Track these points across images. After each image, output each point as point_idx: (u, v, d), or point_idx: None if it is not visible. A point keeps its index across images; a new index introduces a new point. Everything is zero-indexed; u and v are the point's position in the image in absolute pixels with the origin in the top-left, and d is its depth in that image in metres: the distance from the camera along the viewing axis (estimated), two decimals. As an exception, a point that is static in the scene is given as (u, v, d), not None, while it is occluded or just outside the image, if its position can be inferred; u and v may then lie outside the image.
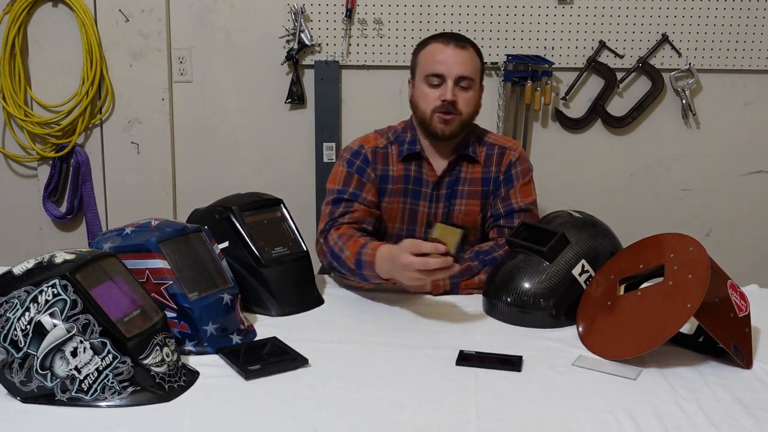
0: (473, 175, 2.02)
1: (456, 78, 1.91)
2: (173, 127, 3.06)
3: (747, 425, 1.27)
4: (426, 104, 1.94)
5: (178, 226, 1.61)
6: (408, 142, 2.01)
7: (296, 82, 2.96)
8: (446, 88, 1.91)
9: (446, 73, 1.91)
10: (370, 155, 2.01)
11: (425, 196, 2.02)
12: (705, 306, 1.45)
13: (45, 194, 3.10)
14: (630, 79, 2.95)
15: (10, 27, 2.93)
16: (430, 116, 1.94)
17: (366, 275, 1.78)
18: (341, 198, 1.96)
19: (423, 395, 1.36)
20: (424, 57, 1.97)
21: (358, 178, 1.99)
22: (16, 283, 1.31)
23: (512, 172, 2.03)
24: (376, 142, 2.04)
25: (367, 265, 1.76)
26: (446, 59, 1.92)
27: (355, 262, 1.78)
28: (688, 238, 1.62)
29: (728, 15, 2.89)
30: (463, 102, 1.93)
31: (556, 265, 1.71)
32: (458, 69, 1.91)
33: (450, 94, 1.90)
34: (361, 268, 1.77)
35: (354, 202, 1.95)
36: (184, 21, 2.97)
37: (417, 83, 1.98)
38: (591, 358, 1.52)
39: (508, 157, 2.04)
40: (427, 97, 1.94)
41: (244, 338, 1.59)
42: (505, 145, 2.06)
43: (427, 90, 1.94)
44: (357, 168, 2.00)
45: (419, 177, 2.01)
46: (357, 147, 2.03)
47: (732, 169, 3.05)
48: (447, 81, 1.91)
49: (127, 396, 1.30)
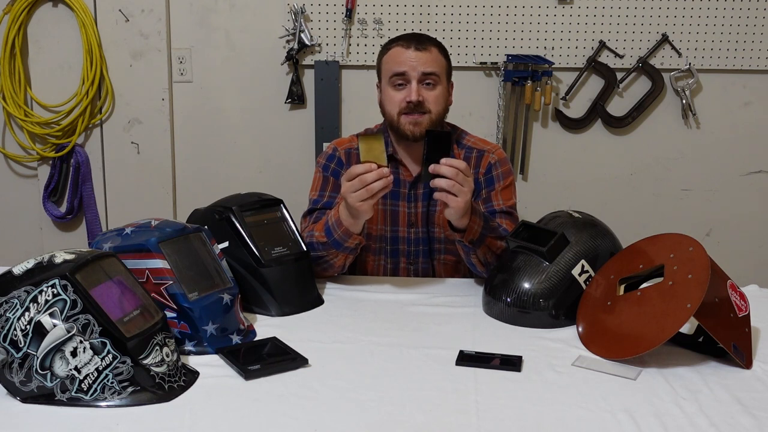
0: None
1: (420, 76, 1.91)
2: (173, 127, 3.07)
3: (747, 425, 1.27)
4: (392, 106, 1.94)
5: (178, 226, 1.61)
6: None
7: (296, 82, 2.96)
8: (410, 89, 1.91)
9: (409, 72, 1.91)
10: (343, 156, 2.05)
11: (404, 197, 2.03)
12: (705, 306, 1.45)
13: (45, 194, 3.10)
14: (630, 79, 2.96)
15: (10, 27, 2.93)
16: (397, 118, 1.94)
17: (338, 237, 1.83)
18: (314, 209, 2.01)
19: (423, 395, 1.36)
20: (387, 60, 1.97)
21: (334, 181, 2.02)
22: (15, 283, 1.31)
23: (493, 174, 2.04)
24: (351, 143, 2.07)
25: (335, 225, 1.82)
26: (408, 59, 1.92)
27: (325, 231, 1.85)
28: (688, 238, 1.62)
29: (728, 15, 2.89)
30: (431, 100, 1.93)
31: (555, 265, 1.71)
32: (422, 67, 1.91)
33: (415, 94, 1.90)
34: (331, 234, 1.83)
35: (326, 210, 1.97)
36: (184, 21, 2.97)
37: (383, 87, 1.99)
38: (591, 358, 1.52)
39: (487, 159, 2.04)
40: (393, 99, 1.94)
41: (244, 338, 1.59)
42: (484, 148, 2.06)
43: (392, 92, 1.94)
44: (332, 171, 2.03)
45: (396, 178, 2.01)
46: (331, 151, 2.07)
47: (732, 169, 3.05)
48: (411, 81, 1.91)
49: (127, 396, 1.30)
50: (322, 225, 1.87)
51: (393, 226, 2.05)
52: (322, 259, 1.89)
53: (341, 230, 1.82)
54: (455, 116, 2.67)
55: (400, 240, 2.05)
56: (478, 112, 2.99)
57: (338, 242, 1.84)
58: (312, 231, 1.90)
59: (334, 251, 1.86)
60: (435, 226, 2.03)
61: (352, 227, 1.81)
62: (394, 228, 2.05)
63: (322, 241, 1.86)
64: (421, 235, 2.04)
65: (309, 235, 1.89)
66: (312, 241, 1.87)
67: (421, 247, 2.04)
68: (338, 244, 1.84)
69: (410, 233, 2.04)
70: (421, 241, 2.04)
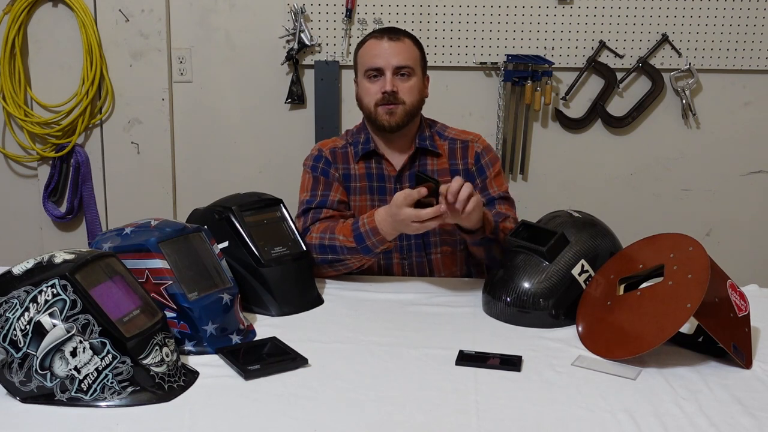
0: (440, 166, 2.05)
1: (393, 69, 1.95)
2: (173, 127, 3.07)
3: (747, 425, 1.27)
4: (369, 98, 1.99)
5: (177, 226, 1.61)
6: (362, 142, 2.05)
7: (296, 82, 2.96)
8: (385, 79, 1.95)
9: (383, 65, 1.95)
10: (329, 156, 2.06)
11: (390, 191, 2.04)
12: (705, 306, 1.45)
13: (45, 194, 3.10)
14: (630, 79, 2.96)
15: (10, 27, 2.93)
16: (374, 110, 1.98)
17: (371, 245, 1.83)
18: (309, 208, 2.00)
19: (423, 395, 1.36)
20: (362, 55, 2.02)
21: (324, 180, 2.03)
22: (15, 283, 1.31)
23: (482, 162, 2.06)
24: (334, 143, 2.10)
25: (369, 233, 1.82)
26: (381, 52, 1.96)
27: (355, 237, 1.84)
28: (688, 238, 1.62)
29: (728, 15, 2.89)
30: (404, 91, 1.96)
31: (555, 264, 1.71)
32: (395, 60, 1.95)
33: (389, 84, 1.94)
34: (363, 241, 1.83)
35: (322, 209, 1.99)
36: (184, 21, 2.97)
37: (359, 81, 2.03)
38: (591, 358, 1.52)
39: (473, 149, 2.07)
40: (369, 92, 1.98)
41: (244, 338, 1.59)
42: (467, 139, 2.09)
43: (367, 85, 1.99)
44: (321, 171, 2.04)
45: (381, 173, 2.05)
46: (316, 152, 2.09)
47: (732, 169, 3.05)
48: (386, 73, 1.95)
49: (127, 396, 1.30)
50: (347, 229, 1.86)
51: None
52: (341, 262, 1.90)
53: (377, 238, 1.82)
54: (455, 116, 2.69)
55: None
56: (478, 112, 2.99)
57: (369, 248, 1.84)
58: (332, 235, 1.89)
59: (360, 256, 1.87)
60: None
61: (389, 236, 1.83)
62: None
63: (349, 246, 1.85)
64: None
65: (328, 239, 1.89)
66: (333, 245, 1.87)
67: (413, 240, 2.03)
68: (369, 250, 1.85)
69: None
70: (413, 235, 2.04)
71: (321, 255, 1.89)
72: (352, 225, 1.87)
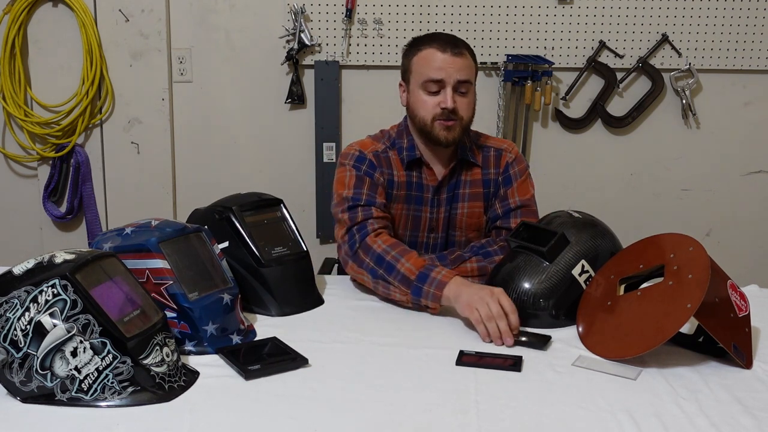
0: (473, 177, 2.01)
1: (455, 84, 1.87)
2: (173, 127, 3.07)
3: (747, 425, 1.27)
4: (425, 112, 1.90)
5: (178, 226, 1.61)
6: (407, 148, 1.98)
7: (296, 82, 2.96)
8: (446, 95, 1.87)
9: (446, 79, 1.87)
10: (373, 159, 1.96)
11: (427, 202, 2.00)
12: (705, 306, 1.45)
13: (45, 194, 3.10)
14: (630, 79, 2.96)
15: (10, 27, 2.93)
16: (431, 124, 1.90)
17: (425, 290, 1.72)
18: (358, 204, 1.90)
19: (423, 395, 1.36)
20: (419, 62, 1.90)
21: (370, 181, 1.93)
22: (16, 283, 1.31)
23: (510, 173, 2.02)
24: (375, 146, 1.99)
25: (436, 283, 1.71)
26: (444, 66, 1.87)
27: (419, 275, 1.73)
28: (688, 238, 1.62)
29: (728, 15, 2.89)
30: (463, 107, 1.90)
31: (556, 265, 1.71)
32: (457, 75, 1.87)
33: (450, 101, 1.86)
34: (423, 282, 1.72)
35: (372, 207, 1.90)
36: (184, 21, 2.97)
37: (413, 89, 1.93)
38: (591, 358, 1.52)
39: (505, 158, 2.03)
40: (426, 105, 1.89)
41: (244, 338, 1.59)
42: (501, 147, 2.05)
43: (425, 97, 1.90)
44: (365, 172, 1.94)
45: (420, 182, 1.99)
46: (357, 153, 1.97)
47: (732, 169, 3.05)
48: (446, 87, 1.87)
49: (127, 396, 1.30)
50: (419, 264, 1.76)
51: (414, 231, 2.03)
52: (386, 282, 1.78)
53: (435, 291, 1.71)
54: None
55: (418, 245, 2.03)
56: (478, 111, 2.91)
57: (420, 292, 1.73)
58: (399, 256, 1.78)
59: (407, 291, 1.75)
60: (456, 230, 2.02)
61: (445, 299, 1.71)
62: (414, 233, 2.03)
63: (405, 276, 1.75)
64: (439, 240, 2.03)
65: (392, 256, 1.78)
66: (394, 265, 1.77)
67: (438, 252, 2.02)
68: (418, 292, 1.73)
69: (429, 238, 2.03)
70: (439, 246, 2.03)
71: (373, 263, 1.80)
72: (427, 263, 1.76)
